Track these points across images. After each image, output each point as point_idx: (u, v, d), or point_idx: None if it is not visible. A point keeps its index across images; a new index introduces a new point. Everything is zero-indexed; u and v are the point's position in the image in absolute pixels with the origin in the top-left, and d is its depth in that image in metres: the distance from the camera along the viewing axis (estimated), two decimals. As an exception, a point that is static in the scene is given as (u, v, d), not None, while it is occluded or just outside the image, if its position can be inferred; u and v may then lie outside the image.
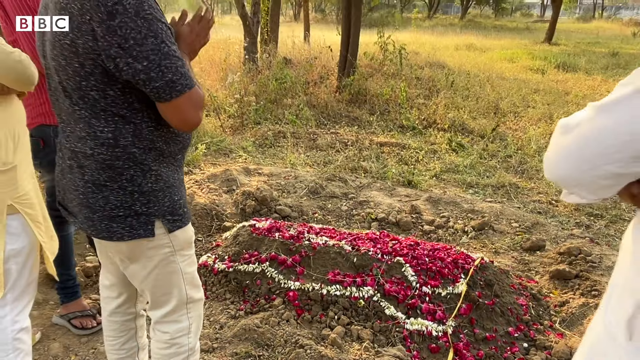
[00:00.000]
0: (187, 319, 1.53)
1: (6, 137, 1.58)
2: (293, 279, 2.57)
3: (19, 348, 1.70)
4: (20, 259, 1.66)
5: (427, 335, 2.29)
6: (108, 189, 1.31)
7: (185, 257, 1.47)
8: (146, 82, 1.17)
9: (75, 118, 1.29)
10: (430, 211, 3.76)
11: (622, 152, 0.73)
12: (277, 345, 2.21)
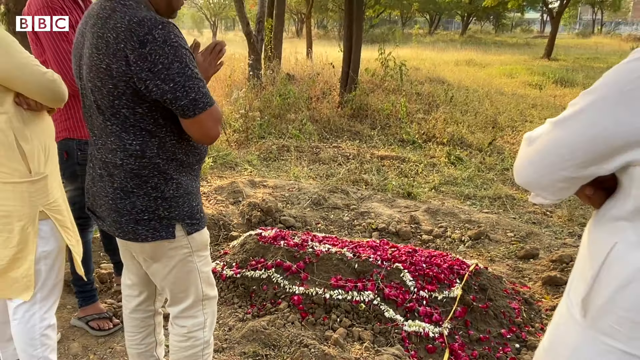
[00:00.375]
0: (203, 314, 1.68)
1: (38, 150, 1.75)
2: (297, 284, 2.72)
3: (46, 344, 1.85)
4: (49, 261, 1.82)
5: (424, 336, 2.43)
6: (135, 195, 1.47)
7: (201, 257, 1.63)
8: (172, 101, 1.34)
9: (107, 132, 1.46)
10: (428, 221, 3.91)
11: (573, 160, 0.89)
12: (283, 345, 2.35)
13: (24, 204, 1.72)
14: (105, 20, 1.35)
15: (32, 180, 1.73)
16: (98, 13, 1.39)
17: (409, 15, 46.16)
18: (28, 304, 1.81)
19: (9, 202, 1.70)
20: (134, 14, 1.33)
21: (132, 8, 1.35)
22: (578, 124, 0.88)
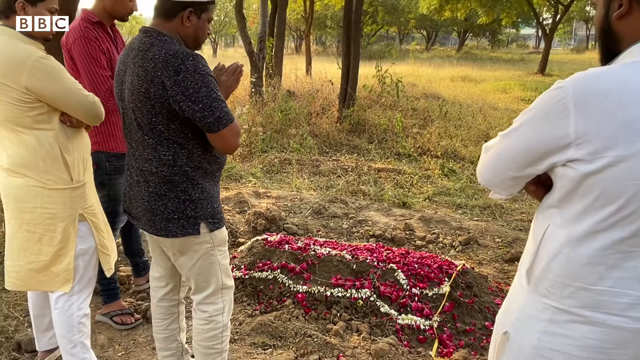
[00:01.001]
0: (222, 301, 1.95)
1: (78, 161, 2.05)
2: (301, 283, 2.99)
3: (82, 330, 2.12)
4: (86, 257, 2.10)
5: (416, 328, 2.69)
6: (167, 198, 1.76)
7: (221, 251, 1.91)
8: (201, 119, 1.64)
9: (144, 145, 1.75)
10: (422, 228, 4.19)
11: (515, 163, 1.18)
12: (288, 337, 2.62)
13: (66, 207, 2.00)
14: (145, 53, 1.65)
15: (73, 187, 2.01)
16: (138, 47, 1.69)
17: (406, 32, 46.91)
18: (67, 295, 2.08)
19: (53, 206, 1.98)
20: (169, 48, 1.63)
21: (167, 43, 1.66)
22: (517, 137, 1.17)
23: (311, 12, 17.84)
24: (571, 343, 1.12)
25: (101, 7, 2.54)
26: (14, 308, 2.89)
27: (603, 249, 1.05)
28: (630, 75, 1.00)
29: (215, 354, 1.96)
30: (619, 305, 1.06)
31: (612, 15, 1.09)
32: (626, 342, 1.07)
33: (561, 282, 1.13)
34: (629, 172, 0.98)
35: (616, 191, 1.00)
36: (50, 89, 1.85)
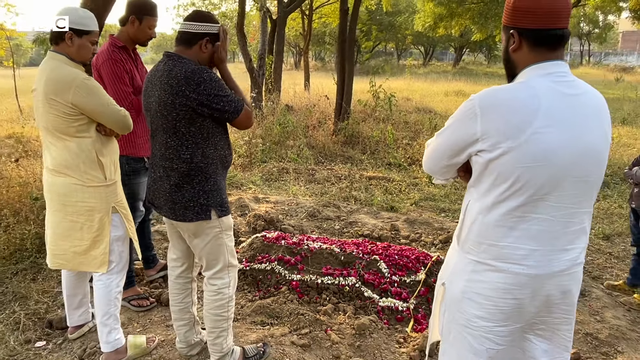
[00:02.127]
0: (228, 276, 2.36)
1: (110, 163, 2.48)
2: (295, 273, 3.40)
3: (116, 305, 2.54)
4: (120, 243, 2.52)
5: (394, 309, 3.10)
6: (185, 189, 2.18)
7: (228, 235, 2.33)
8: (224, 113, 2.09)
9: (167, 146, 2.18)
10: (407, 229, 4.61)
11: (444, 154, 1.60)
12: (284, 316, 3.02)
13: (102, 201, 2.43)
14: (169, 72, 2.10)
15: (107, 184, 2.44)
16: (163, 68, 2.14)
17: (404, 48, 47.71)
18: (109, 274, 2.49)
19: (91, 200, 2.40)
20: (188, 67, 2.08)
21: (186, 63, 2.10)
22: (445, 135, 1.60)
23: (309, 29, 18.44)
24: (486, 286, 1.54)
25: (125, 34, 3.00)
26: (42, 295, 3.29)
27: (503, 215, 1.47)
28: (518, 92, 1.44)
29: (222, 320, 2.37)
30: (517, 256, 1.48)
31: (509, 48, 1.53)
32: (524, 284, 1.49)
33: (478, 241, 1.55)
34: (515, 158, 1.41)
35: (508, 173, 1.43)
36: (91, 105, 2.28)
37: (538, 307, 1.52)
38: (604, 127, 1.47)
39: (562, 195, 1.43)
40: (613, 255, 4.22)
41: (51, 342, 2.80)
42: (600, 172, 1.49)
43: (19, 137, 6.10)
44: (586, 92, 1.46)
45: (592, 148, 1.43)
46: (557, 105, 1.39)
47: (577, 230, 1.48)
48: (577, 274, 1.54)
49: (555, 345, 1.59)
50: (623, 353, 2.75)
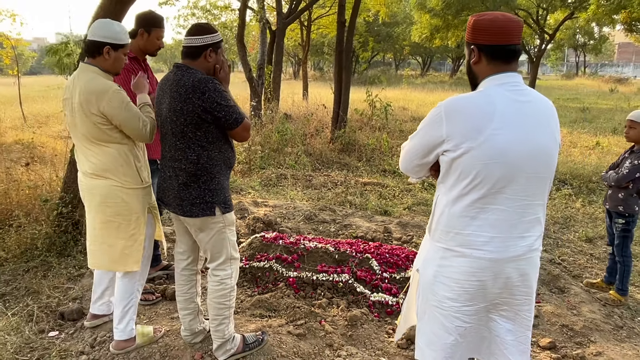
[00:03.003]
0: (230, 268, 2.57)
1: (144, 166, 2.69)
2: (292, 270, 3.61)
3: (137, 297, 2.74)
4: (149, 240, 2.73)
5: (385, 303, 3.31)
6: (192, 187, 2.40)
7: (231, 230, 2.54)
8: (224, 121, 2.30)
9: (175, 148, 2.40)
10: (399, 231, 4.82)
11: (416, 155, 1.82)
12: (281, 309, 3.23)
13: (139, 202, 2.61)
14: (178, 81, 2.33)
15: (143, 187, 2.64)
16: (173, 77, 2.37)
17: (402, 58, 48.22)
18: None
19: (130, 200, 2.58)
20: (196, 77, 2.30)
21: (193, 73, 2.33)
22: (417, 138, 1.81)
23: (308, 40, 18.76)
24: (454, 270, 1.75)
25: (136, 46, 3.24)
26: (53, 290, 3.49)
27: (466, 207, 1.69)
28: (477, 99, 1.67)
29: (225, 308, 2.57)
30: (479, 242, 1.69)
31: (471, 61, 1.76)
32: (486, 267, 1.70)
33: (445, 230, 1.76)
34: (475, 157, 1.62)
35: (469, 169, 1.64)
36: (119, 115, 2.43)
37: (500, 288, 1.73)
38: (552, 130, 1.70)
39: (517, 189, 1.64)
40: (594, 256, 4.44)
41: (64, 332, 3.00)
42: (550, 169, 1.71)
43: (28, 144, 6.32)
44: (535, 100, 1.69)
45: (541, 148, 1.65)
46: (510, 111, 1.62)
47: (532, 220, 1.70)
48: (533, 259, 1.75)
49: (518, 325, 1.80)
50: (596, 343, 2.96)
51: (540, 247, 1.77)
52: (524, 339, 1.82)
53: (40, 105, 15.20)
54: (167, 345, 2.78)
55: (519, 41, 1.68)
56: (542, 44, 21.90)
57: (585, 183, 6.76)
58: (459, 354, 1.83)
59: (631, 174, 3.40)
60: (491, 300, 1.76)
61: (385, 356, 2.77)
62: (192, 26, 2.44)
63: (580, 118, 14.04)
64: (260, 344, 2.71)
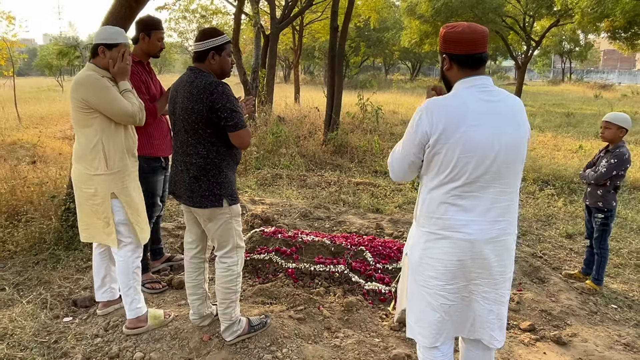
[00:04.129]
0: (237, 256, 2.79)
1: (115, 153, 2.78)
2: (291, 262, 3.83)
3: (135, 278, 2.93)
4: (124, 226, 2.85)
5: (378, 292, 3.54)
6: (201, 180, 2.61)
7: (237, 220, 2.76)
8: (225, 122, 2.50)
9: (187, 144, 2.61)
10: (391, 227, 5.07)
11: (406, 156, 2.06)
12: (281, 297, 3.44)
13: (103, 187, 2.76)
14: (191, 83, 2.55)
15: (108, 173, 2.75)
16: (186, 80, 2.59)
17: (391, 63, 48.68)
18: (126, 250, 2.87)
19: (94, 186, 2.76)
20: (207, 80, 2.53)
21: (205, 76, 2.55)
22: (407, 140, 2.02)
23: (300, 44, 19.02)
24: (438, 251, 1.97)
25: (139, 50, 3.45)
26: (64, 280, 3.68)
27: (445, 195, 1.92)
28: (451, 100, 1.90)
29: (231, 293, 2.79)
30: (457, 226, 1.91)
31: (443, 68, 2.01)
32: (464, 247, 1.92)
33: (428, 216, 1.99)
34: (452, 151, 1.85)
35: (447, 162, 1.88)
36: (97, 100, 2.65)
37: (479, 268, 1.94)
38: (520, 125, 1.92)
39: (490, 178, 1.87)
40: (573, 250, 4.73)
41: (77, 317, 3.19)
42: (519, 160, 1.93)
43: (34, 144, 6.47)
44: (504, 99, 1.92)
45: (510, 142, 1.87)
46: (481, 109, 1.86)
47: (505, 206, 1.92)
48: (507, 241, 1.96)
49: (497, 304, 2.01)
50: (571, 325, 3.22)
51: (514, 232, 2.00)
52: (502, 316, 2.04)
53: (33, 106, 15.25)
54: (177, 329, 2.99)
55: (484, 49, 1.91)
56: (529, 51, 22.38)
57: (567, 184, 7.07)
58: (445, 332, 2.04)
59: (608, 172, 3.67)
60: (472, 279, 1.96)
61: (379, 337, 3.01)
62: (201, 31, 2.67)
63: (564, 123, 14.44)
64: (264, 326, 2.93)
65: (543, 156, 9.24)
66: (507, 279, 2.02)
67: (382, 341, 2.96)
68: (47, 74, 31.57)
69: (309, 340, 2.91)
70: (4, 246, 4.13)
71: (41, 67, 31.24)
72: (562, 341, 2.98)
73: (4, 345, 2.79)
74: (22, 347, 2.82)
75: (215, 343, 2.84)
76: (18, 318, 3.08)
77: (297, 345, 2.82)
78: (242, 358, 2.71)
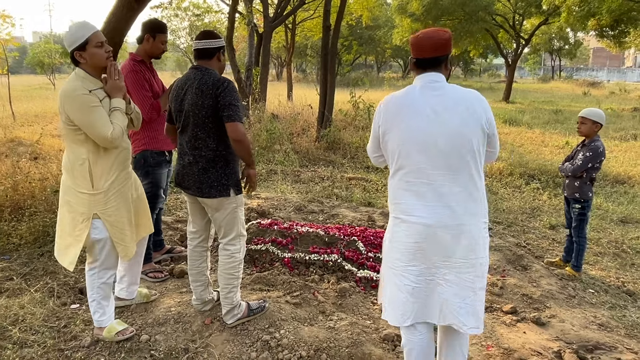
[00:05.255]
0: (239, 244, 2.96)
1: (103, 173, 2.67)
2: (287, 252, 4.01)
3: (99, 293, 2.82)
4: (101, 244, 2.71)
5: (370, 279, 3.74)
6: (210, 172, 2.78)
7: (241, 210, 2.93)
8: (222, 113, 2.65)
9: (196, 138, 2.77)
10: (382, 220, 5.26)
11: (373, 148, 2.27)
12: (278, 284, 3.63)
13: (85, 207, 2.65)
14: (200, 80, 2.71)
15: (93, 193, 2.64)
16: (194, 77, 2.74)
17: (383, 60, 48.95)
18: (91, 268, 2.80)
19: (77, 204, 2.64)
20: (214, 77, 2.70)
21: (212, 74, 2.72)
22: (372, 135, 2.25)
23: (292, 42, 19.17)
24: (400, 234, 2.15)
25: (142, 50, 3.61)
26: (69, 271, 3.83)
27: (399, 181, 2.12)
28: (400, 93, 2.14)
29: (233, 279, 2.96)
30: (412, 210, 2.09)
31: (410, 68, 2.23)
32: (420, 231, 2.08)
33: (391, 202, 2.21)
34: (396, 140, 2.07)
35: (394, 151, 2.09)
36: (81, 118, 2.52)
37: (437, 253, 2.06)
38: (469, 117, 2.02)
39: (437, 164, 2.03)
40: (556, 240, 4.96)
41: (84, 304, 3.35)
42: (465, 146, 2.00)
43: (35, 141, 6.59)
44: (447, 92, 2.07)
45: (453, 131, 2.01)
46: (421, 102, 2.06)
47: (459, 193, 2.03)
48: (466, 228, 2.03)
49: (461, 288, 2.09)
50: (550, 308, 3.44)
51: (480, 221, 2.08)
52: (471, 301, 2.08)
53: (26, 104, 15.30)
54: (180, 313, 3.17)
55: (432, 54, 2.09)
56: (518, 49, 22.69)
57: (552, 178, 7.31)
58: (412, 313, 2.14)
59: (584, 164, 3.89)
60: (433, 263, 2.07)
61: (371, 320, 3.20)
62: (206, 31, 2.83)
63: (552, 120, 14.73)
64: (262, 310, 3.11)
65: (530, 152, 9.49)
66: (473, 265, 2.06)
67: (374, 323, 3.16)
68: (39, 72, 31.43)
69: (305, 323, 3.10)
70: (8, 239, 4.28)
71: (33, 65, 31.09)
72: (541, 322, 3.20)
73: (17, 329, 2.95)
74: (34, 331, 2.98)
75: (216, 326, 3.02)
76: (28, 305, 3.24)
77: (293, 327, 3.00)
78: (242, 339, 2.90)
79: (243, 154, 2.76)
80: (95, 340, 2.89)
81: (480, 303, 2.15)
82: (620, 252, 4.61)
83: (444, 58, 2.12)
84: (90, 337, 2.90)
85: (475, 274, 2.09)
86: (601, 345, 2.94)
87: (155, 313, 3.17)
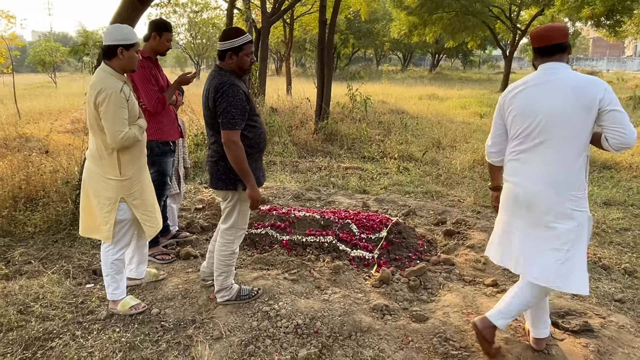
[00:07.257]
0: (234, 235, 3.12)
1: (130, 161, 3.08)
2: (285, 235, 4.29)
3: (113, 268, 3.15)
4: (122, 224, 3.04)
5: (362, 258, 4.01)
6: (220, 165, 3.01)
7: (245, 205, 3.13)
8: (219, 118, 2.90)
9: (209, 134, 3.01)
10: (376, 206, 5.54)
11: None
12: (277, 264, 3.91)
13: (114, 192, 2.97)
14: (211, 80, 2.92)
15: (121, 179, 2.96)
16: (210, 77, 2.97)
17: (382, 54, 49.02)
18: (107, 245, 3.12)
19: (105, 190, 2.96)
20: (221, 79, 2.89)
21: (222, 75, 2.92)
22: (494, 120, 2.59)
23: (291, 37, 19.37)
24: (504, 190, 2.57)
25: (149, 47, 3.87)
26: (83, 255, 4.12)
27: (510, 154, 2.51)
28: (521, 80, 2.62)
29: (225, 266, 3.14)
30: (513, 173, 2.47)
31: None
32: (518, 191, 2.46)
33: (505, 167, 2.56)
34: (511, 115, 2.34)
35: (509, 124, 2.40)
36: (105, 113, 2.79)
37: (524, 208, 2.48)
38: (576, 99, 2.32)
39: (537, 139, 2.42)
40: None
41: (98, 284, 3.64)
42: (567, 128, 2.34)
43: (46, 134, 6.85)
44: (562, 77, 2.38)
45: (554, 110, 2.35)
46: (533, 84, 2.45)
47: (554, 164, 2.39)
48: (557, 197, 2.38)
49: (540, 244, 2.45)
50: (529, 281, 3.71)
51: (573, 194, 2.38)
52: (547, 256, 2.42)
53: (30, 102, 15.57)
54: (187, 290, 3.45)
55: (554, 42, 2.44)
56: (515, 39, 22.85)
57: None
58: (498, 255, 2.68)
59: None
60: (517, 216, 2.52)
61: (362, 293, 3.48)
62: (223, 31, 3.01)
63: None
64: (251, 297, 3.28)
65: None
66: (553, 229, 2.40)
67: (365, 296, 3.43)
68: (40, 70, 31.68)
69: (301, 297, 3.38)
70: (24, 228, 4.56)
71: (34, 64, 31.35)
72: (519, 293, 3.47)
73: (38, 305, 3.23)
74: (54, 307, 3.26)
75: (220, 300, 3.30)
76: (46, 285, 3.52)
77: (291, 299, 3.28)
78: (244, 310, 3.18)
79: (233, 163, 2.87)
80: (110, 314, 3.17)
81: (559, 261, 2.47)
82: (600, 231, 4.87)
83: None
84: (106, 311, 3.18)
85: (555, 236, 2.44)
86: (572, 312, 3.22)
87: (164, 290, 3.46)
